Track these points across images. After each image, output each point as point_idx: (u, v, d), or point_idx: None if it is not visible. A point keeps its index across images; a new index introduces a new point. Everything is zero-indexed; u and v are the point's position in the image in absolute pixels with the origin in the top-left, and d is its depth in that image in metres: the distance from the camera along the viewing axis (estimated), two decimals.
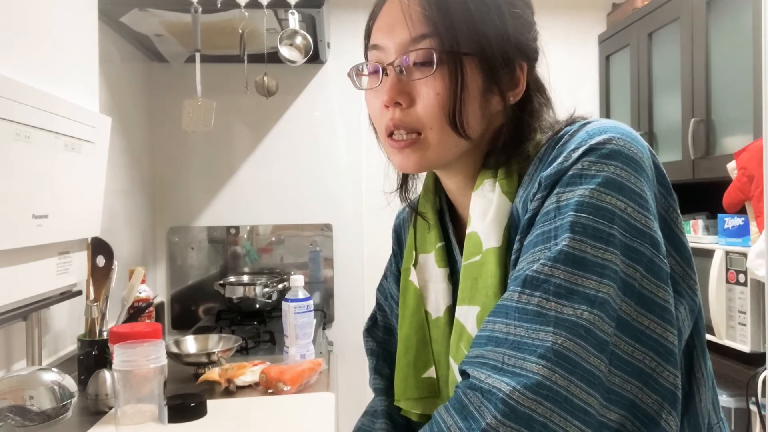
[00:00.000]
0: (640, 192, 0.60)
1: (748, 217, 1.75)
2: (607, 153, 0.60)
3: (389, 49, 0.70)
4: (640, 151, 0.62)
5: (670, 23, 2.24)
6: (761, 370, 1.48)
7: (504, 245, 0.68)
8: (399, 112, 0.69)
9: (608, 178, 0.59)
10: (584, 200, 0.59)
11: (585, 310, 0.56)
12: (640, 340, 0.58)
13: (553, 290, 0.57)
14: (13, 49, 1.14)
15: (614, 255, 0.58)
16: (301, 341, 1.60)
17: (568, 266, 0.58)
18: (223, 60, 2.41)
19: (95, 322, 1.46)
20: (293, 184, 2.68)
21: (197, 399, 1.25)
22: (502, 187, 0.69)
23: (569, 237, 0.58)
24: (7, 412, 1.10)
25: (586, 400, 0.55)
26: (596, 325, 0.56)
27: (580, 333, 0.56)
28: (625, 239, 0.58)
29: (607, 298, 0.57)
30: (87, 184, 1.43)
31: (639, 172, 0.60)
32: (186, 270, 2.62)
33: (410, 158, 0.71)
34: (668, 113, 2.28)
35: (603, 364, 0.57)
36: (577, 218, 0.58)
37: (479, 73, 0.68)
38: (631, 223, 0.59)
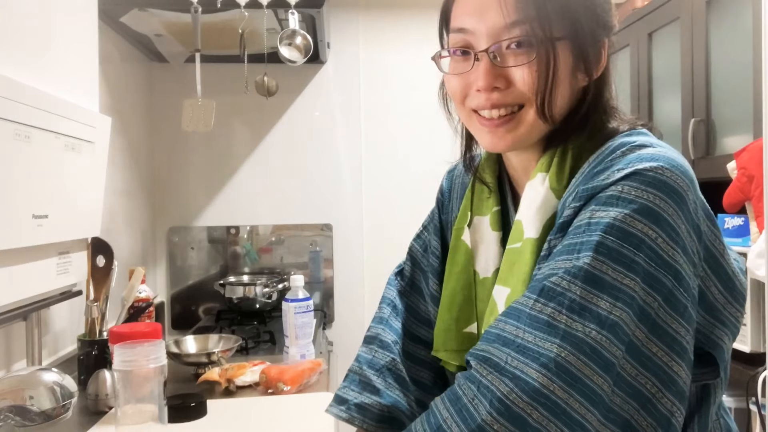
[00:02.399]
0: (674, 225, 0.61)
1: (748, 217, 1.75)
2: (650, 181, 0.61)
3: (480, 32, 0.70)
4: (686, 185, 0.62)
5: (670, 23, 2.24)
6: (761, 370, 1.48)
7: (542, 237, 0.69)
8: (497, 95, 0.70)
9: (645, 206, 0.60)
10: (615, 223, 0.60)
11: (593, 329, 0.58)
12: (645, 365, 0.60)
13: (567, 304, 0.59)
14: (13, 49, 1.14)
15: (634, 282, 0.59)
16: (301, 341, 1.60)
17: (585, 284, 0.59)
18: (223, 60, 2.41)
19: (95, 322, 1.46)
20: (293, 184, 2.68)
21: (197, 399, 1.25)
22: (551, 182, 0.71)
23: (592, 256, 0.59)
24: (7, 412, 1.10)
25: (585, 415, 0.57)
26: (603, 345, 0.58)
27: (585, 350, 0.57)
28: (648, 267, 0.59)
29: (618, 321, 0.58)
30: (87, 184, 1.43)
31: (679, 205, 0.61)
32: (186, 270, 2.62)
33: (503, 138, 0.72)
34: (668, 113, 2.28)
35: (606, 384, 0.58)
36: (604, 239, 0.60)
37: (570, 55, 0.69)
38: (659, 253, 0.60)
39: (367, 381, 0.87)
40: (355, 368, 0.90)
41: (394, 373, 0.88)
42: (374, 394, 0.86)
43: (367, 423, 0.85)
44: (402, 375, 0.88)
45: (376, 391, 0.86)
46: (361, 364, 0.89)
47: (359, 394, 0.86)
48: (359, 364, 0.89)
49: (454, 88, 0.75)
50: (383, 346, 0.89)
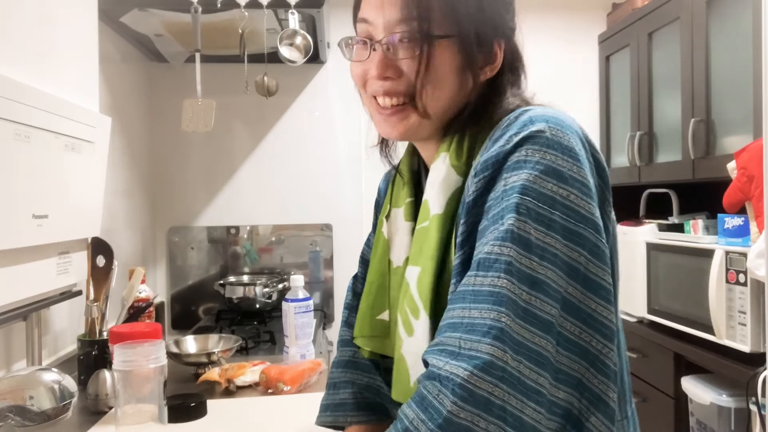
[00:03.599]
0: (582, 179, 0.63)
1: (748, 217, 1.75)
2: (546, 142, 0.64)
3: (378, 24, 0.75)
4: (575, 142, 0.65)
5: (670, 23, 2.24)
6: (761, 370, 1.48)
7: (447, 213, 0.73)
8: (388, 84, 0.74)
9: (548, 166, 0.63)
10: (527, 184, 0.62)
11: (524, 290, 0.60)
12: (586, 322, 0.62)
13: (504, 268, 0.60)
14: (13, 49, 1.14)
15: (555, 239, 0.61)
16: (301, 341, 1.60)
17: (513, 244, 0.61)
18: (223, 60, 2.41)
19: (95, 322, 1.46)
20: (293, 184, 2.68)
21: (197, 399, 1.25)
22: (451, 159, 0.74)
23: (514, 217, 0.61)
24: (7, 412, 1.10)
25: (537, 380, 0.58)
26: (534, 305, 0.59)
27: (520, 313, 0.59)
28: (567, 224, 0.61)
29: (545, 279, 0.60)
30: (87, 184, 1.43)
31: (576, 160, 0.64)
32: (186, 270, 2.62)
33: (395, 127, 0.76)
34: (668, 113, 2.28)
35: (550, 345, 0.59)
36: (522, 200, 0.62)
37: (455, 53, 0.73)
38: (574, 209, 0.62)
39: (337, 380, 0.94)
40: (329, 375, 0.97)
41: (358, 364, 0.93)
42: (346, 387, 0.93)
43: (349, 416, 0.91)
44: (366, 363, 0.92)
45: (348, 384, 0.93)
46: (332, 369, 0.96)
47: (335, 394, 0.93)
48: (331, 370, 0.97)
49: (355, 75, 0.80)
50: (345, 344, 0.96)
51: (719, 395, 1.75)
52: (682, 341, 1.96)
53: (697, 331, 1.90)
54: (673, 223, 2.24)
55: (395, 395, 0.79)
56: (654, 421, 2.11)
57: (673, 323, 2.04)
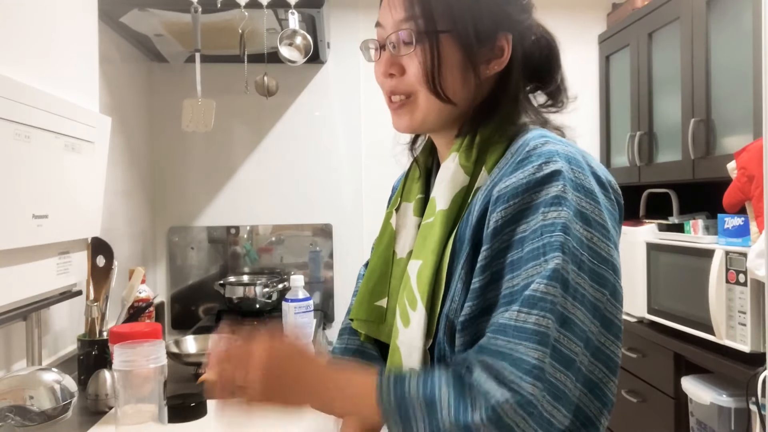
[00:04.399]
0: (602, 222, 0.67)
1: (748, 217, 1.75)
2: (572, 182, 0.67)
3: (387, 26, 0.79)
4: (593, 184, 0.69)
5: (670, 23, 2.24)
6: (761, 370, 1.48)
7: (451, 209, 0.76)
8: (394, 81, 0.79)
9: (576, 208, 0.66)
10: (568, 224, 0.65)
11: (558, 330, 0.63)
12: (596, 355, 0.67)
13: (549, 308, 0.63)
14: (14, 49, 1.14)
15: (584, 281, 0.65)
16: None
17: (559, 285, 0.64)
18: (223, 60, 2.41)
19: (95, 322, 1.46)
20: (293, 184, 2.68)
21: (197, 399, 1.25)
22: (460, 159, 0.77)
23: (560, 257, 0.64)
24: (7, 412, 1.10)
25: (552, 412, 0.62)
26: (563, 343, 0.63)
27: (554, 354, 0.63)
28: (593, 266, 0.66)
29: (575, 319, 0.64)
30: (87, 184, 1.43)
31: (597, 203, 0.68)
32: (186, 270, 2.62)
33: (402, 119, 0.81)
34: (668, 113, 2.28)
35: (569, 381, 0.63)
36: (566, 240, 0.64)
37: (457, 48, 0.76)
38: (597, 252, 0.66)
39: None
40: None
41: (366, 353, 0.93)
42: None
43: None
44: (373, 354, 0.92)
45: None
46: (335, 354, 0.96)
47: None
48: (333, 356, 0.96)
49: (376, 77, 0.84)
50: (352, 332, 0.95)
51: (719, 395, 1.75)
52: (682, 341, 1.96)
53: (697, 331, 1.90)
54: (673, 223, 2.24)
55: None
56: (654, 421, 2.11)
57: (673, 323, 2.04)
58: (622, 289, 0.69)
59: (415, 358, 0.75)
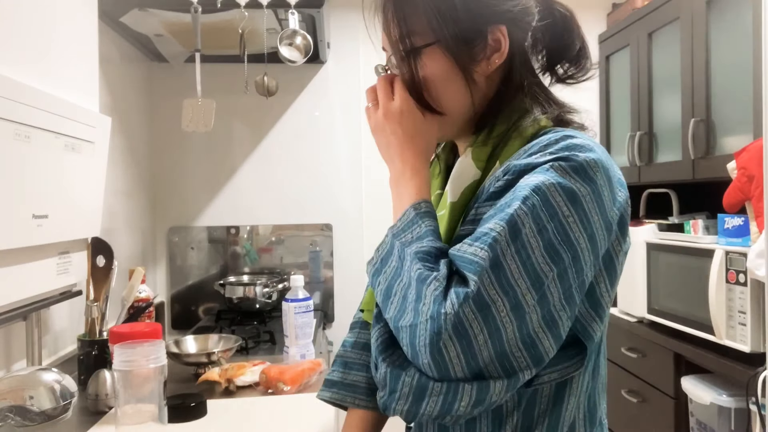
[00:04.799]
0: (588, 213, 0.66)
1: (748, 217, 1.75)
2: (578, 168, 0.67)
3: (388, 50, 0.82)
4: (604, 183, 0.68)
5: (670, 23, 2.24)
6: (761, 370, 1.48)
7: (460, 201, 0.77)
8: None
9: (568, 186, 0.65)
10: (542, 186, 0.65)
11: (488, 272, 0.63)
12: (522, 330, 0.65)
13: (489, 243, 0.64)
14: (14, 49, 1.14)
15: (537, 245, 0.64)
16: (301, 341, 1.60)
17: (507, 227, 0.64)
18: (223, 60, 2.41)
19: (95, 322, 1.46)
20: (293, 184, 2.68)
21: (197, 399, 1.25)
22: (473, 154, 0.78)
23: (519, 205, 0.65)
24: (7, 412, 1.10)
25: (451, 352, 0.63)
26: (485, 286, 0.63)
27: (474, 296, 0.63)
28: (553, 239, 0.64)
29: (508, 271, 0.63)
30: (87, 184, 1.43)
31: (598, 198, 0.67)
32: (186, 270, 2.62)
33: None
34: (668, 113, 2.28)
35: (482, 333, 0.62)
36: (531, 195, 0.65)
37: (446, 56, 0.76)
38: (565, 230, 0.65)
39: (353, 360, 0.93)
40: (340, 352, 0.96)
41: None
42: (360, 370, 0.92)
43: (358, 399, 0.90)
44: None
45: (363, 367, 0.92)
46: (346, 348, 0.95)
47: (346, 374, 0.92)
48: (344, 348, 0.95)
49: None
50: (364, 326, 0.94)
51: (719, 395, 1.75)
52: (682, 341, 1.96)
53: (697, 331, 1.90)
54: (673, 223, 2.24)
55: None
56: (654, 421, 2.11)
57: (673, 323, 2.04)
58: (574, 282, 0.65)
59: None
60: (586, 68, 0.84)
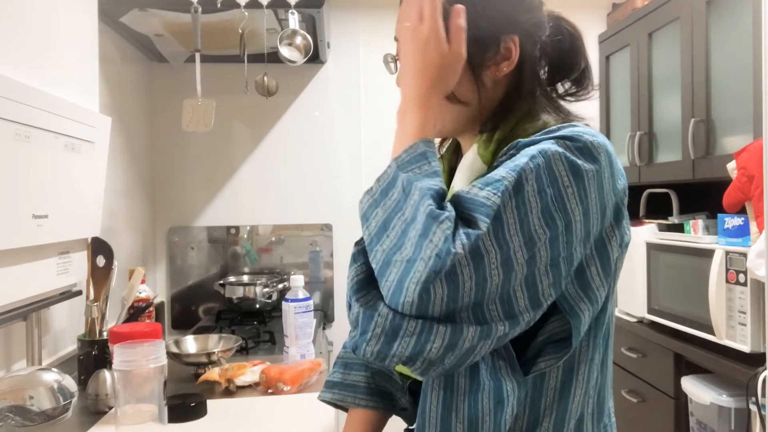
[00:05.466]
0: (587, 189, 0.67)
1: (748, 217, 1.75)
2: (582, 146, 0.69)
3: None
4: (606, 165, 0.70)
5: (670, 23, 2.24)
6: (761, 370, 1.48)
7: None
8: None
9: (572, 160, 0.67)
10: (548, 151, 0.67)
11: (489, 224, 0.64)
12: (510, 282, 0.67)
13: (503, 189, 0.65)
14: (14, 50, 1.14)
15: (534, 206, 0.65)
16: (301, 341, 1.60)
17: (516, 178, 0.65)
18: (223, 60, 2.41)
19: (95, 322, 1.46)
20: (293, 184, 2.68)
21: (197, 399, 1.25)
22: (478, 149, 0.80)
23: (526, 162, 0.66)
24: (7, 412, 1.10)
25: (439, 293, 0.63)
26: (482, 239, 0.64)
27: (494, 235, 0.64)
28: (550, 205, 0.66)
29: (505, 223, 0.64)
30: (87, 184, 1.43)
31: (599, 179, 0.68)
32: (186, 270, 2.62)
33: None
34: (668, 113, 2.28)
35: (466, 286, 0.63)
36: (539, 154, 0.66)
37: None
38: (562, 198, 0.66)
39: (353, 361, 0.94)
40: (340, 354, 0.97)
41: None
42: (360, 370, 0.93)
43: (358, 398, 0.92)
44: None
45: (363, 367, 0.93)
46: (346, 349, 0.96)
47: (347, 374, 0.93)
48: (344, 350, 0.97)
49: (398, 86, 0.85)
50: None
51: (719, 395, 1.75)
52: (682, 341, 1.96)
53: (697, 331, 1.90)
54: (673, 223, 2.24)
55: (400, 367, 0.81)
56: (654, 421, 2.11)
57: (673, 323, 2.04)
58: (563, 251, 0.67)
59: None
60: (588, 89, 0.86)
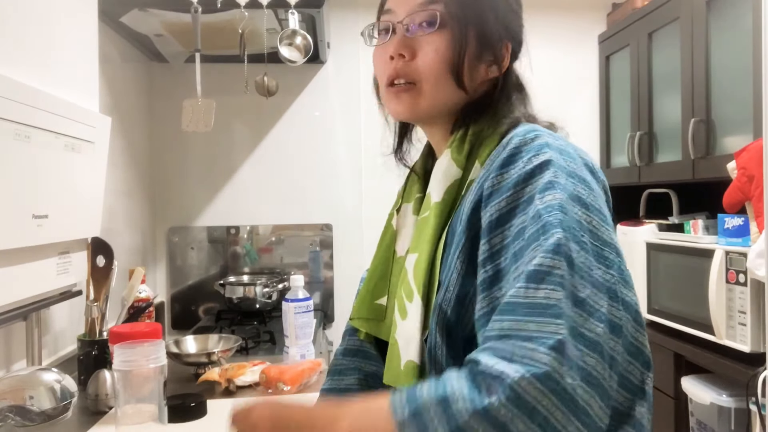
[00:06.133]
0: (599, 208, 0.67)
1: (748, 217, 1.75)
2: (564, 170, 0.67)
3: (399, 11, 0.80)
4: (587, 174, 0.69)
5: (670, 23, 2.23)
6: (761, 370, 1.48)
7: (445, 201, 0.77)
8: (401, 63, 0.79)
9: (572, 193, 0.65)
10: (564, 204, 0.64)
11: (570, 308, 0.59)
12: (629, 350, 0.65)
13: (558, 281, 0.60)
14: (14, 50, 1.14)
15: (590, 261, 0.63)
16: (301, 341, 1.60)
17: (564, 259, 0.61)
18: (223, 60, 2.41)
19: (95, 322, 1.46)
20: (293, 184, 2.68)
21: (197, 399, 1.25)
22: (452, 153, 0.79)
23: (561, 232, 0.61)
24: (7, 412, 1.10)
25: (588, 401, 0.57)
26: (580, 324, 0.59)
27: (573, 331, 0.58)
28: (595, 248, 0.64)
29: (586, 299, 0.61)
30: (87, 184, 1.43)
31: (592, 190, 0.67)
32: (186, 270, 2.62)
33: (404, 103, 0.80)
34: (668, 113, 2.28)
35: (600, 366, 0.58)
36: (565, 218, 0.63)
37: (474, 41, 0.78)
38: (597, 234, 0.65)
39: (345, 367, 0.97)
40: (332, 362, 1.00)
41: (367, 353, 0.95)
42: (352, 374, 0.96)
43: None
44: (373, 353, 0.94)
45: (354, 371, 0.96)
46: (338, 357, 0.99)
47: (340, 380, 0.96)
48: (336, 358, 0.99)
49: (377, 63, 0.83)
50: (352, 333, 0.98)
51: (719, 395, 1.75)
52: (682, 341, 1.96)
53: (697, 331, 1.90)
54: (673, 223, 2.24)
55: (386, 379, 0.80)
56: (654, 421, 2.11)
57: (673, 323, 2.04)
58: (629, 272, 0.67)
59: (413, 349, 0.74)
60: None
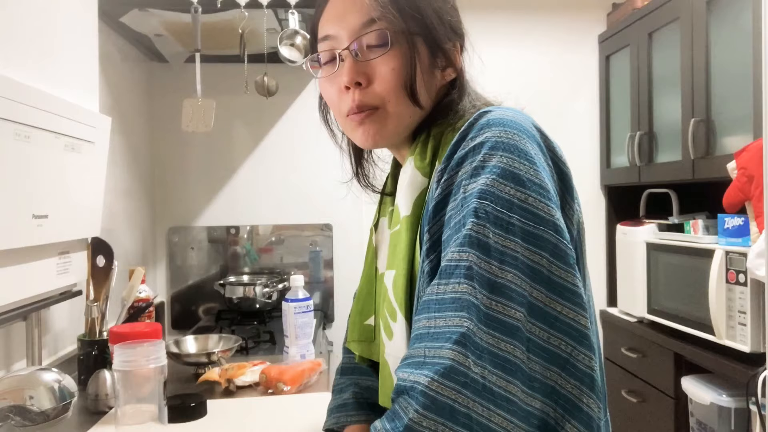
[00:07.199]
0: (539, 182, 0.62)
1: (748, 217, 1.75)
2: (501, 145, 0.63)
3: (341, 36, 0.75)
4: (531, 146, 0.64)
5: (670, 23, 2.24)
6: (761, 370, 1.48)
7: (414, 213, 0.73)
8: (359, 93, 0.74)
9: (505, 170, 0.62)
10: (485, 188, 0.62)
11: (485, 296, 0.59)
12: (553, 325, 0.60)
13: (464, 273, 0.60)
14: (13, 49, 1.14)
15: (515, 243, 0.60)
16: (301, 341, 1.60)
17: (473, 249, 0.60)
18: (223, 60, 2.41)
19: (95, 322, 1.46)
20: (293, 184, 2.68)
21: (197, 399, 1.25)
22: (415, 162, 0.75)
23: (473, 221, 0.61)
24: (7, 412, 1.10)
25: (506, 387, 0.57)
26: (497, 310, 0.58)
27: (483, 319, 0.58)
28: (526, 227, 0.60)
29: (506, 283, 0.59)
30: (87, 184, 1.43)
31: (533, 163, 0.63)
32: (186, 270, 2.62)
33: (370, 131, 0.76)
34: (668, 113, 2.28)
35: (518, 350, 0.58)
36: (480, 204, 0.61)
37: (426, 50, 0.74)
38: (532, 212, 0.61)
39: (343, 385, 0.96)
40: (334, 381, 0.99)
41: (362, 369, 0.95)
42: (347, 390, 0.95)
43: (349, 415, 0.92)
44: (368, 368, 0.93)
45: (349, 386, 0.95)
46: (336, 377, 0.98)
47: (339, 398, 0.95)
48: (337, 377, 0.99)
49: (329, 94, 0.79)
50: (348, 352, 0.98)
51: (719, 395, 1.75)
52: (682, 341, 1.96)
53: (697, 331, 1.90)
54: (673, 223, 2.24)
55: (381, 400, 0.79)
56: (654, 421, 2.11)
57: (673, 323, 2.04)
58: (570, 251, 0.61)
59: None
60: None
